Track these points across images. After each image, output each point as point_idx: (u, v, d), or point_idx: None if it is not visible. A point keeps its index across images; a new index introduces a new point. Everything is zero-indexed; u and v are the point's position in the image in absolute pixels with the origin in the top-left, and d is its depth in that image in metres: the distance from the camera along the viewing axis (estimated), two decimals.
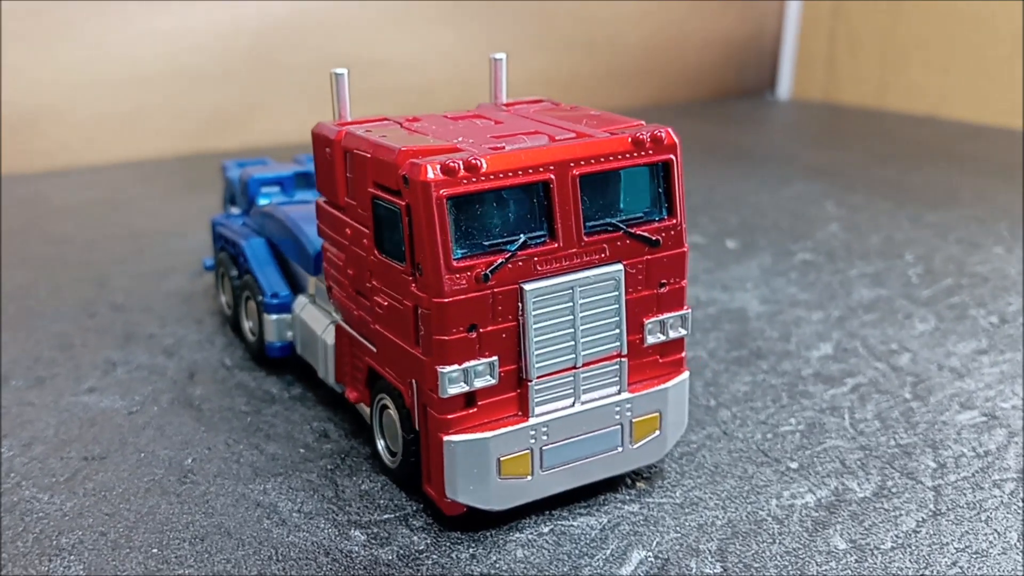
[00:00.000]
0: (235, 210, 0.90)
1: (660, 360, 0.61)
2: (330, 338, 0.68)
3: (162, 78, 1.60)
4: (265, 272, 0.77)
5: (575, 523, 0.58)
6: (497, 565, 0.54)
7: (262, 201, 0.84)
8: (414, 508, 0.60)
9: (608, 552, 0.56)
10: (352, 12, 1.74)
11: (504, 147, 0.55)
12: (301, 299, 0.74)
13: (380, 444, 0.63)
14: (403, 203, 0.53)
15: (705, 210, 1.25)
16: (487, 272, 0.53)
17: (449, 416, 0.55)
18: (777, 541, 0.57)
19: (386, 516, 0.59)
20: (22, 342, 0.85)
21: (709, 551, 0.56)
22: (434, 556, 0.55)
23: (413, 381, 0.57)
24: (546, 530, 0.58)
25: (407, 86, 1.81)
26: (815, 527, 0.58)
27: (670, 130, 0.59)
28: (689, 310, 0.61)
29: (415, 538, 0.57)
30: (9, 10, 1.46)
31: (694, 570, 0.54)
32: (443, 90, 1.85)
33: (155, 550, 0.56)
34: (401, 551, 0.56)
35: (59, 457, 0.66)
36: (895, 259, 1.05)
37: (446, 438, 0.55)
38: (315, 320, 0.71)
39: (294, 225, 0.75)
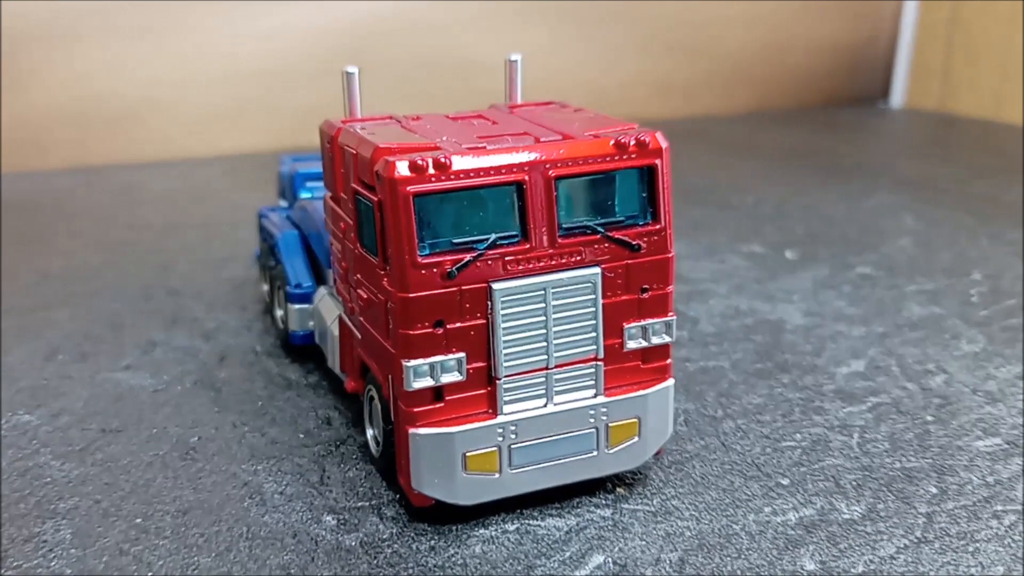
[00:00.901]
0: (284, 203, 0.93)
1: (642, 366, 0.61)
2: (336, 329, 0.70)
3: (260, 75, 1.67)
4: (293, 263, 0.80)
5: (542, 523, 0.59)
6: (453, 559, 0.55)
7: (304, 195, 0.87)
8: (389, 498, 0.61)
9: (567, 555, 0.56)
10: (447, 11, 1.78)
11: (485, 147, 0.56)
12: (321, 290, 0.77)
13: (369, 433, 0.65)
14: (376, 199, 0.55)
15: (773, 219, 1.22)
16: (453, 269, 0.54)
17: (416, 409, 0.56)
18: (743, 557, 0.55)
19: (361, 504, 0.61)
20: (79, 319, 0.90)
21: (669, 561, 0.55)
22: (395, 545, 0.56)
23: (390, 374, 0.58)
24: (512, 528, 0.58)
25: (495, 88, 1.82)
26: (787, 546, 0.56)
27: (657, 135, 0.58)
28: (674, 316, 0.61)
29: (382, 526, 0.58)
30: (120, 8, 1.55)
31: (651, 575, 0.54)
32: (531, 93, 1.86)
33: (139, 520, 0.59)
34: (365, 538, 0.57)
35: (80, 428, 0.70)
36: (960, 277, 1.00)
37: (411, 430, 0.56)
38: (328, 311, 0.73)
39: (320, 218, 0.78)
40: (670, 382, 0.62)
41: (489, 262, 0.55)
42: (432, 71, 1.78)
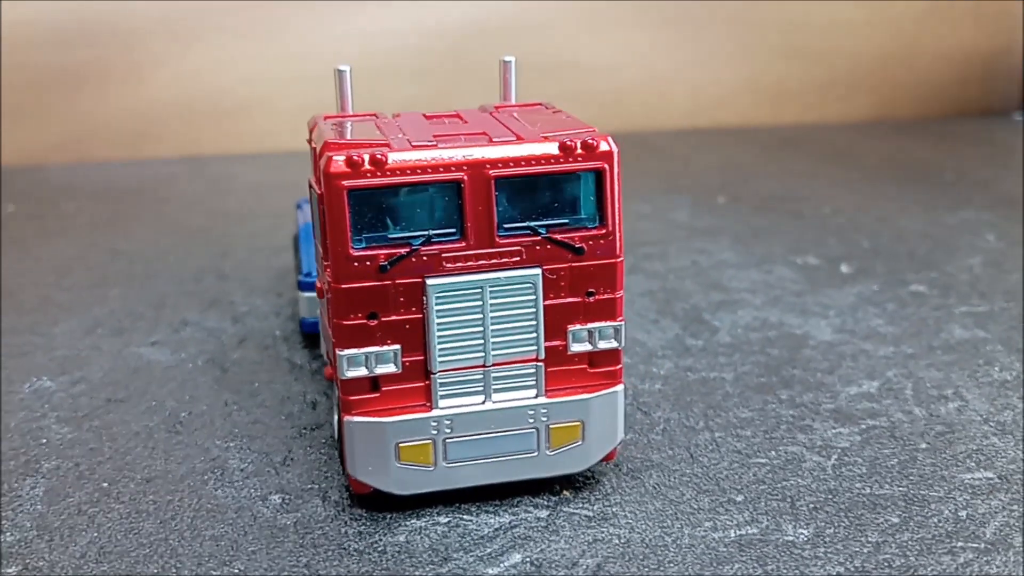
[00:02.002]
0: None
1: (589, 370, 0.60)
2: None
3: (360, 74, 1.72)
4: (308, 252, 0.83)
5: (475, 519, 0.59)
6: (375, 545, 0.57)
7: None
8: (340, 483, 0.63)
9: (487, 551, 0.56)
10: (548, 12, 1.79)
11: (428, 144, 0.57)
12: None
13: (334, 419, 0.67)
14: (319, 192, 0.57)
15: (842, 231, 1.17)
16: (385, 264, 0.55)
17: (352, 398, 0.58)
18: (662, 568, 0.54)
19: (310, 486, 0.63)
20: (128, 297, 0.97)
21: (586, 566, 0.55)
22: (325, 527, 0.58)
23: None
24: (443, 521, 0.59)
25: (597, 90, 1.82)
26: (712, 562, 0.55)
27: (608, 138, 0.58)
28: (623, 322, 0.60)
29: (321, 509, 0.60)
30: (229, 9, 1.64)
31: None
32: (634, 96, 1.85)
33: (105, 484, 0.63)
34: (301, 518, 0.59)
35: (90, 396, 0.76)
36: (1020, 302, 0.94)
37: (347, 418, 0.58)
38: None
39: None
40: (618, 388, 0.61)
41: (425, 258, 0.56)
42: (529, 73, 1.79)
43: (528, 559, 0.55)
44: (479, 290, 0.57)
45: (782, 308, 0.93)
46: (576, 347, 0.60)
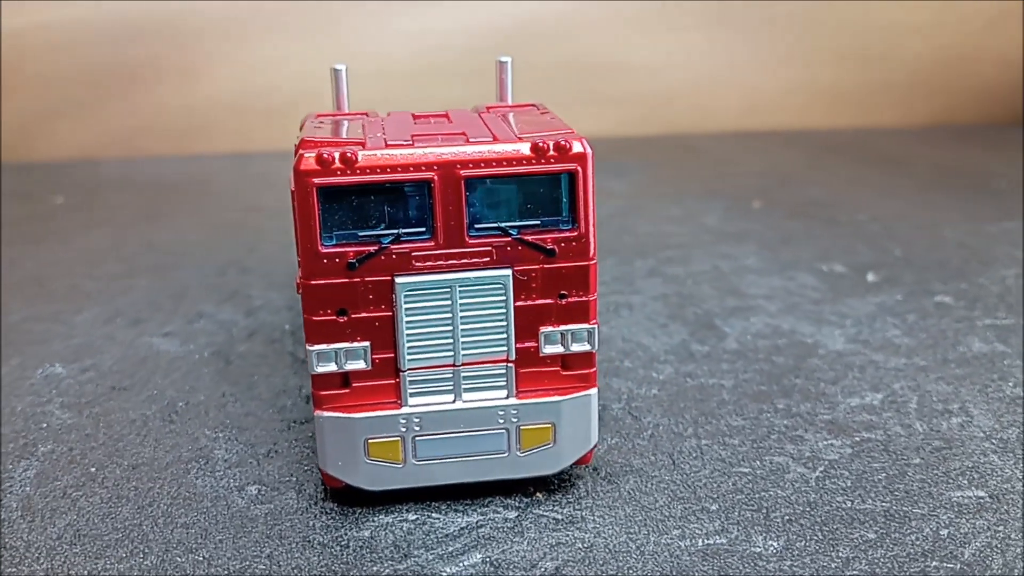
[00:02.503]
0: None
1: (562, 372, 0.60)
2: None
3: (408, 73, 1.74)
4: None
5: (443, 517, 0.59)
6: (339, 539, 0.57)
7: None
8: (319, 477, 0.64)
9: (449, 550, 0.56)
10: (601, 12, 1.78)
11: (402, 143, 0.57)
12: None
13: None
14: (291, 189, 0.58)
15: (875, 238, 1.14)
16: (353, 261, 0.56)
17: (322, 392, 0.58)
18: (620, 574, 0.54)
19: (288, 478, 0.64)
20: (152, 288, 0.99)
21: (544, 569, 0.54)
22: (294, 519, 0.59)
23: None
24: (411, 518, 0.59)
25: (646, 92, 1.81)
26: (673, 571, 0.54)
27: (582, 140, 0.57)
28: (596, 325, 0.60)
29: (294, 502, 0.61)
30: (282, 8, 1.67)
31: None
32: (684, 98, 1.83)
33: (93, 469, 0.65)
34: (273, 510, 0.60)
35: (96, 384, 0.78)
36: None
37: (316, 412, 0.59)
38: None
39: None
40: (592, 391, 0.60)
41: (394, 256, 0.57)
42: (580, 73, 1.79)
43: (488, 559, 0.55)
44: (448, 289, 0.57)
45: (797, 316, 0.91)
46: (548, 349, 0.59)
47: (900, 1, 1.84)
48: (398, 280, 0.57)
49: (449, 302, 0.57)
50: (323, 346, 0.57)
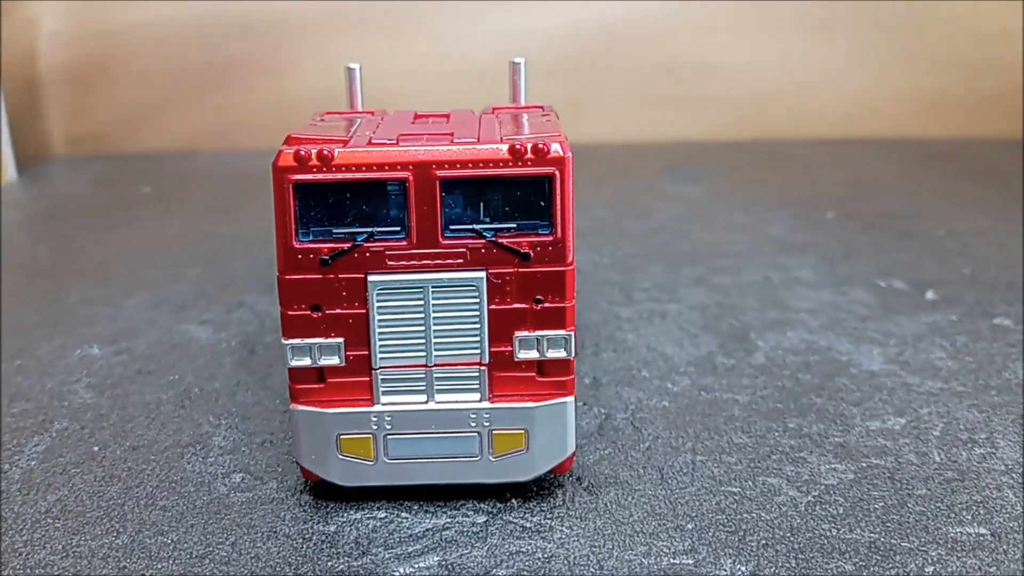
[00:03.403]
0: None
1: (538, 378, 0.59)
2: None
3: (494, 73, 1.74)
4: None
5: (411, 517, 0.59)
6: (303, 531, 0.58)
7: None
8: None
9: (408, 550, 0.56)
10: (693, 14, 1.75)
11: (394, 143, 0.57)
12: None
13: None
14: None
15: (947, 254, 1.08)
16: (326, 258, 0.57)
17: (297, 386, 0.59)
18: None
19: (275, 468, 0.65)
20: (202, 277, 1.03)
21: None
22: (267, 509, 0.60)
23: None
24: (381, 516, 0.60)
25: (739, 95, 1.76)
26: None
27: (560, 144, 0.56)
28: (573, 332, 0.58)
29: (273, 492, 0.62)
30: (371, 8, 1.70)
31: None
32: (779, 102, 1.77)
33: (96, 448, 0.68)
34: (250, 499, 0.61)
35: (124, 366, 0.81)
36: None
37: (292, 406, 0.59)
38: None
39: None
40: (568, 399, 0.59)
41: (368, 254, 0.57)
42: (669, 75, 1.76)
43: (444, 562, 0.55)
44: (421, 289, 0.57)
45: (838, 332, 0.87)
46: (523, 354, 0.59)
47: (1013, 2, 1.74)
48: (371, 278, 0.57)
49: (422, 302, 0.57)
50: (298, 340, 0.58)
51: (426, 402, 0.59)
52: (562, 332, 0.58)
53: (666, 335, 0.87)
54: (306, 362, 0.58)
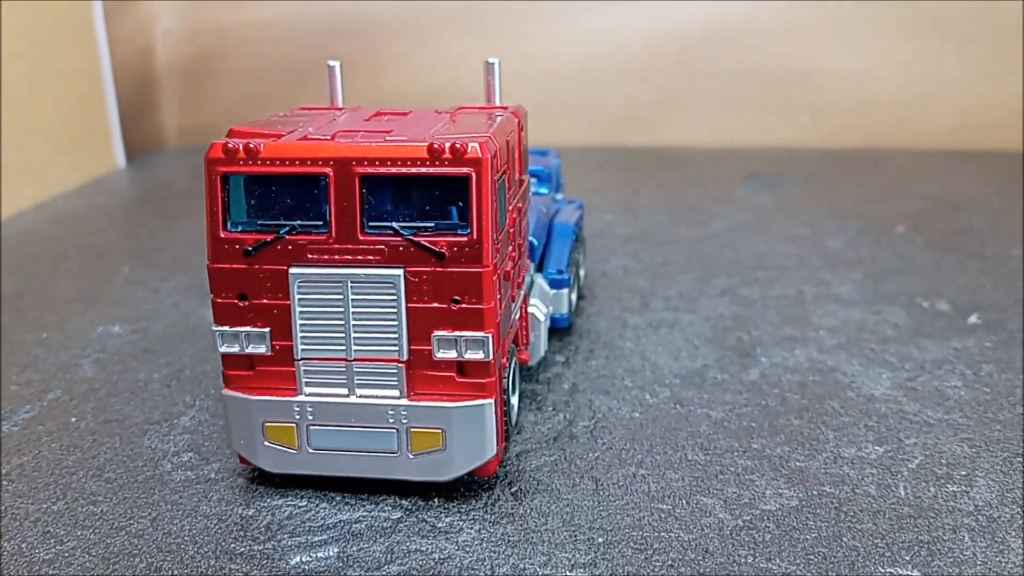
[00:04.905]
0: None
1: (457, 379, 0.59)
2: None
3: (582, 74, 1.74)
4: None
5: (328, 507, 0.60)
6: (222, 513, 0.59)
7: None
8: None
9: (312, 540, 0.57)
10: (793, 14, 1.68)
11: (330, 138, 0.58)
12: None
13: None
14: None
15: (1010, 278, 1.00)
16: (249, 248, 0.58)
17: (229, 372, 0.61)
18: None
19: (225, 451, 0.67)
20: None
21: (387, 572, 0.54)
22: (199, 488, 0.62)
23: None
24: (301, 504, 0.61)
25: (841, 102, 1.69)
26: None
27: (479, 144, 0.56)
28: (489, 335, 0.58)
29: (212, 473, 0.64)
30: (460, 8, 1.72)
31: None
32: (885, 110, 1.68)
33: (74, 419, 0.72)
34: (188, 478, 0.64)
35: (135, 345, 0.85)
36: None
37: (223, 391, 0.61)
38: None
39: None
40: (487, 402, 0.59)
41: (291, 247, 0.58)
42: (767, 79, 1.70)
43: (342, 554, 0.56)
44: (340, 284, 0.58)
45: (852, 353, 0.82)
46: (442, 354, 0.58)
47: None
48: (292, 271, 0.58)
49: (341, 296, 0.58)
50: (227, 328, 0.60)
51: (347, 395, 0.60)
52: (480, 334, 0.58)
53: (666, 345, 0.84)
54: (235, 349, 0.60)
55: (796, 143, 1.72)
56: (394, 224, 0.57)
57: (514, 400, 0.67)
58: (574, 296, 0.88)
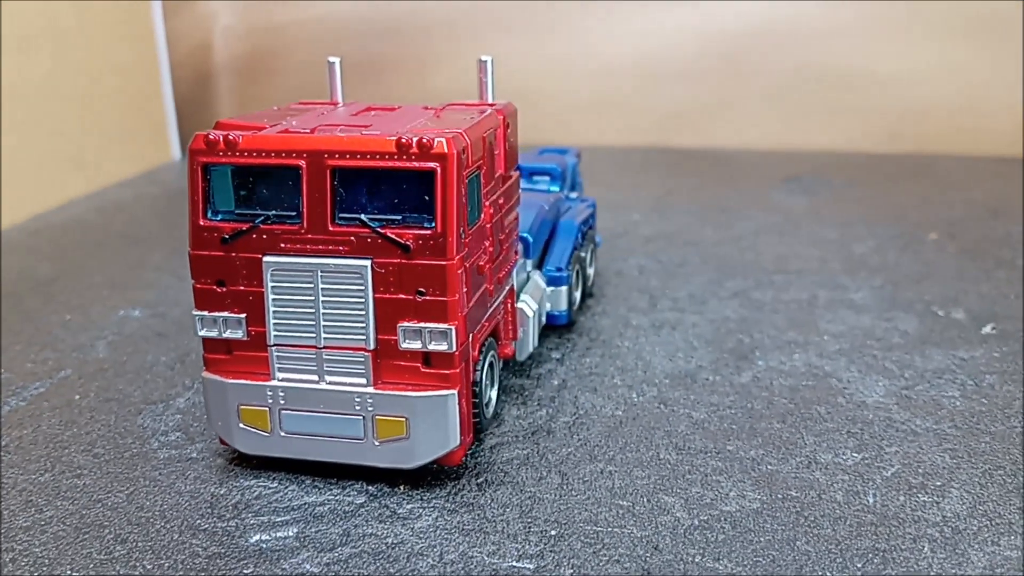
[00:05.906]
0: None
1: (422, 369, 0.60)
2: None
3: (631, 74, 1.73)
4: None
5: (297, 490, 0.62)
6: (196, 492, 0.62)
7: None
8: None
9: (274, 520, 0.59)
10: (843, 14, 1.65)
11: (310, 132, 0.60)
12: None
13: None
14: None
15: None
16: (226, 236, 0.60)
17: (208, 356, 0.63)
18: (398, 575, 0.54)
19: (208, 433, 0.69)
20: None
21: (338, 553, 0.55)
22: (179, 467, 0.65)
23: None
24: (272, 485, 0.63)
25: (892, 105, 1.65)
26: None
27: (446, 139, 0.57)
28: (453, 327, 0.59)
29: (193, 453, 0.66)
30: (509, 8, 1.73)
31: (301, 560, 0.55)
32: (938, 115, 1.64)
33: (77, 397, 0.75)
34: (171, 457, 0.66)
35: (149, 327, 0.89)
36: None
37: (203, 373, 0.64)
38: None
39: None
40: (450, 392, 0.60)
41: (265, 236, 0.60)
42: (818, 81, 1.68)
43: (299, 535, 0.57)
44: (311, 273, 0.60)
45: (852, 359, 0.81)
46: (407, 344, 0.60)
47: None
48: (266, 259, 0.60)
49: (312, 285, 0.60)
50: (206, 312, 0.62)
51: (317, 382, 0.61)
52: (443, 325, 0.59)
53: (664, 346, 0.84)
54: (213, 333, 0.62)
55: (844, 147, 1.69)
56: (362, 216, 0.58)
57: (492, 393, 0.69)
58: (577, 294, 0.88)
